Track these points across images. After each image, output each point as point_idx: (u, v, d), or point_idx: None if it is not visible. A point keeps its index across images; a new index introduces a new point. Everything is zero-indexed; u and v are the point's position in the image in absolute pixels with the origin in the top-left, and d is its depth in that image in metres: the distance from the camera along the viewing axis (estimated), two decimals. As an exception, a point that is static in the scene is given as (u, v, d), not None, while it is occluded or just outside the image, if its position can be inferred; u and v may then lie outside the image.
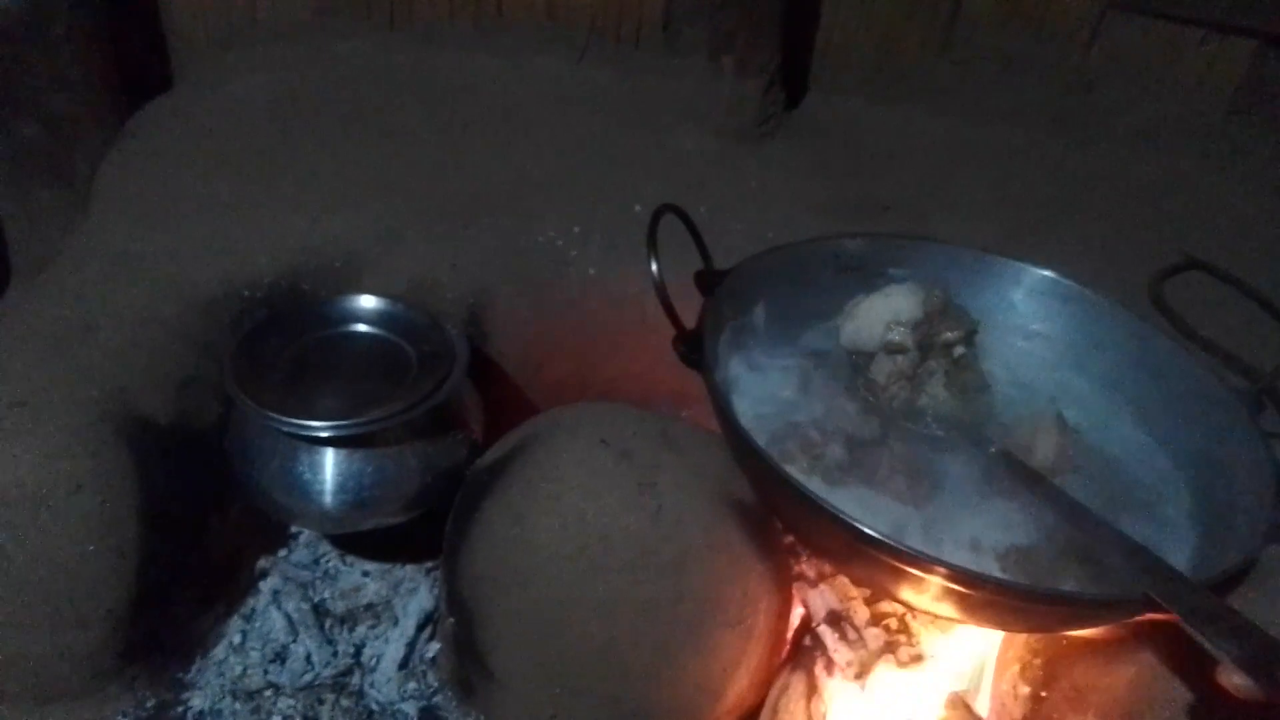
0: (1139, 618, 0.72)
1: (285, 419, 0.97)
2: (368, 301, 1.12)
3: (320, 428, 0.97)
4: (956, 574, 0.73)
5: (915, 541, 0.77)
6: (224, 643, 1.11)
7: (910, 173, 1.48)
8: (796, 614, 1.12)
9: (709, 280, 0.98)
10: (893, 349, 0.96)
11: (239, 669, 1.08)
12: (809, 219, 1.33)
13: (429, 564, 1.19)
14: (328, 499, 1.02)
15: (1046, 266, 1.06)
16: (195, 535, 1.10)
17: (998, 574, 0.82)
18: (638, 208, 1.33)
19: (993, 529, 0.86)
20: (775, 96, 1.52)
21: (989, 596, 0.76)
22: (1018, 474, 0.89)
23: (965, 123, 1.59)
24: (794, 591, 1.12)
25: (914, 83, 1.62)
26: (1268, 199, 1.49)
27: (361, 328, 1.10)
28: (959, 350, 0.98)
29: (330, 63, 1.65)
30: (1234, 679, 0.61)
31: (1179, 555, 0.86)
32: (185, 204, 1.29)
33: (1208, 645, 0.64)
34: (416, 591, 1.16)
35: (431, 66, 1.65)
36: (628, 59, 1.71)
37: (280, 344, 1.06)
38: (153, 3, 1.77)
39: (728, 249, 1.02)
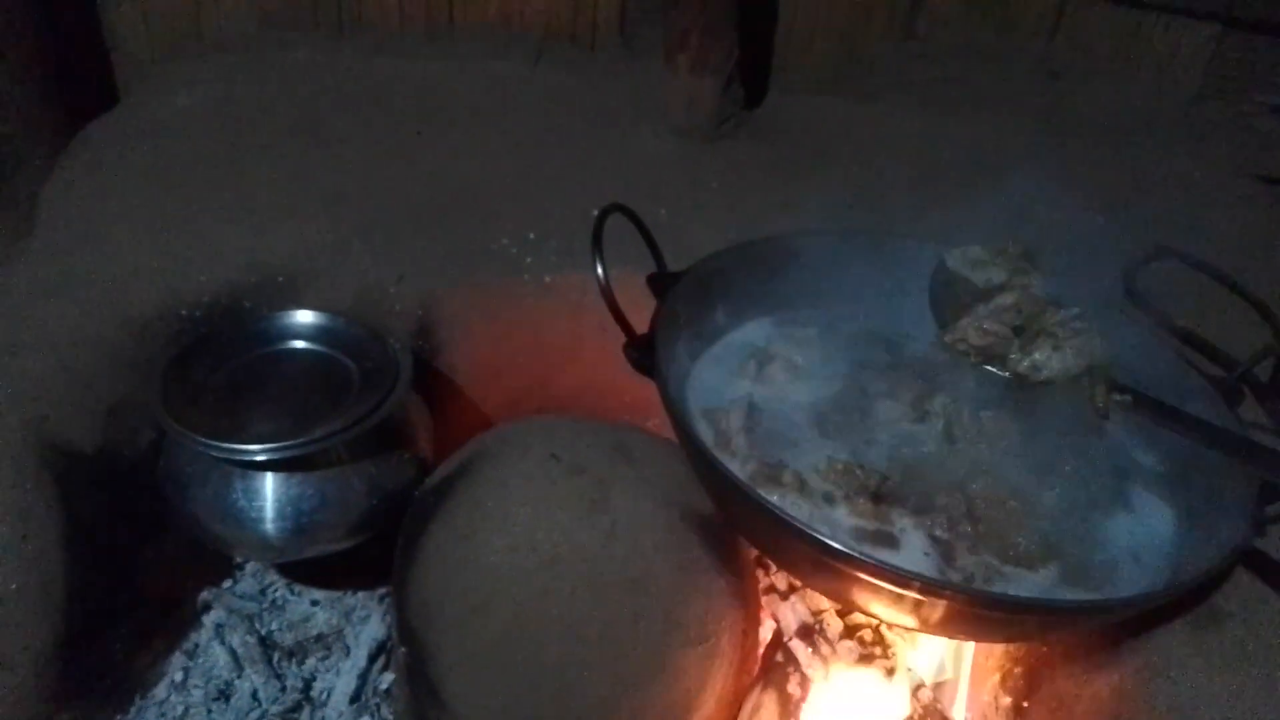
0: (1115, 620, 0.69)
1: (216, 443, 0.91)
2: (305, 317, 1.07)
3: (255, 451, 0.92)
4: (927, 586, 0.69)
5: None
6: (165, 681, 1.05)
7: (874, 168, 1.44)
8: (768, 629, 1.07)
9: (662, 283, 0.94)
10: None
11: (181, 709, 1.03)
12: (771, 218, 1.30)
13: (381, 590, 1.14)
14: (266, 526, 0.96)
15: (1013, 258, 1.02)
16: (129, 568, 1.04)
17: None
18: (594, 212, 1.29)
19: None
20: (734, 94, 1.49)
21: (961, 608, 0.72)
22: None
23: (930, 116, 1.55)
24: (764, 605, 1.07)
25: (876, 77, 1.59)
26: (1236, 183, 1.47)
27: (299, 344, 1.05)
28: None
29: (277, 73, 1.60)
30: None
31: (1160, 547, 0.83)
32: (127, 222, 1.24)
33: None
34: (369, 620, 1.11)
35: (382, 74, 1.61)
36: (584, 62, 1.67)
37: (213, 365, 1.00)
38: (95, 20, 1.72)
39: (690, 251, 0.98)
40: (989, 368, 0.91)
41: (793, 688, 1.01)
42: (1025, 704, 0.94)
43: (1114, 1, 1.46)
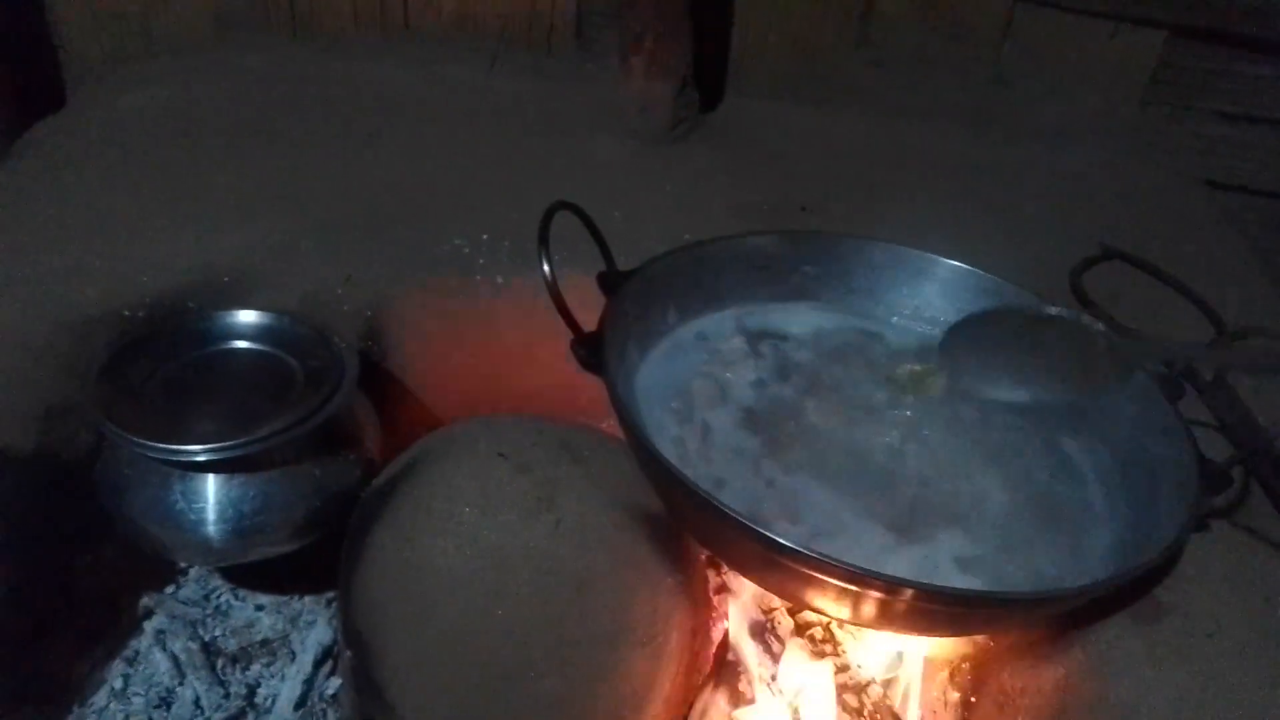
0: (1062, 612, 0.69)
1: (154, 444, 0.89)
2: (248, 316, 1.04)
3: (195, 451, 0.90)
4: (873, 582, 0.69)
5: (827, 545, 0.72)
6: (104, 689, 1.02)
7: (827, 173, 1.45)
8: (721, 628, 1.07)
9: (612, 281, 0.94)
10: None
11: (121, 716, 1.00)
12: (725, 221, 1.30)
13: (329, 594, 1.12)
14: (207, 529, 0.94)
15: (961, 259, 1.03)
16: (67, 574, 1.02)
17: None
18: (545, 212, 1.29)
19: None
20: (688, 98, 1.49)
21: (910, 604, 0.72)
22: None
23: (882, 122, 1.57)
24: (717, 605, 1.07)
25: (830, 83, 1.60)
26: (1182, 188, 1.50)
27: (242, 344, 1.03)
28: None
29: (229, 75, 1.58)
30: None
31: (1101, 541, 0.83)
32: (71, 223, 1.21)
33: None
34: (315, 624, 1.09)
35: (336, 77, 1.59)
36: (540, 66, 1.67)
37: (152, 365, 0.98)
38: (43, 21, 1.70)
39: (643, 252, 0.98)
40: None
41: (743, 687, 1.00)
42: (973, 699, 0.95)
43: (1062, 9, 1.48)
